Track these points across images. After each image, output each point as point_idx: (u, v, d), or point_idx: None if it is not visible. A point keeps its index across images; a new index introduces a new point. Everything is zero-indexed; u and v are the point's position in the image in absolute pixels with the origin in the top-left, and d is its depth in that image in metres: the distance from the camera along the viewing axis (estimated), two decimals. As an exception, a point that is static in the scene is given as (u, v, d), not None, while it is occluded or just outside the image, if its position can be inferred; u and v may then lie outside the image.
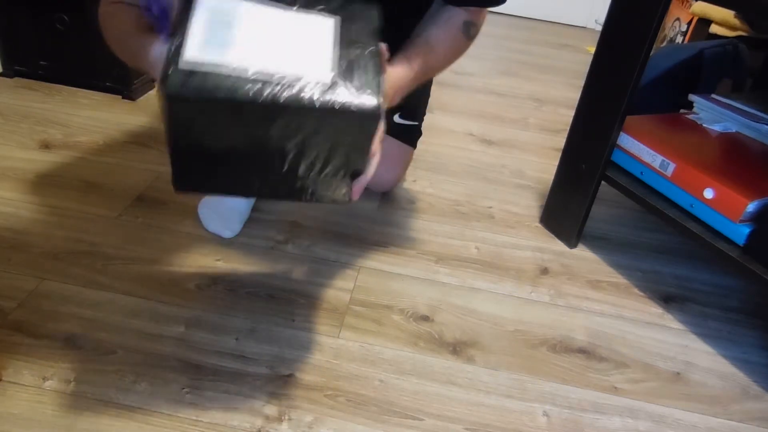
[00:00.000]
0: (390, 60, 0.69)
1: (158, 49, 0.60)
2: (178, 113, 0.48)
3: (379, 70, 0.51)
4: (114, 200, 0.98)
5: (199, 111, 0.48)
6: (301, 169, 0.55)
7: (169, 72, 0.45)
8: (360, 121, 0.50)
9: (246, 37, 0.49)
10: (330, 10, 0.54)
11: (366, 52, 0.52)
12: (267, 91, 0.47)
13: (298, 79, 0.48)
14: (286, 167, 0.55)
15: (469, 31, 0.76)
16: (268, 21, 0.50)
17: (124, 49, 0.71)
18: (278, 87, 0.47)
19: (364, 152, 0.54)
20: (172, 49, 0.46)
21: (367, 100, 0.49)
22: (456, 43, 0.76)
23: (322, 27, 0.52)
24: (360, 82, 0.50)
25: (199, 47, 0.47)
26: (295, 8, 0.52)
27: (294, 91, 0.47)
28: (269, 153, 0.53)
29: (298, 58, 0.49)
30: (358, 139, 0.53)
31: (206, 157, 0.54)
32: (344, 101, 0.48)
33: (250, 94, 0.46)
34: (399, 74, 0.68)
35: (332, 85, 0.49)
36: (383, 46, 0.56)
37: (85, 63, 1.33)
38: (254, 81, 0.47)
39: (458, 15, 0.75)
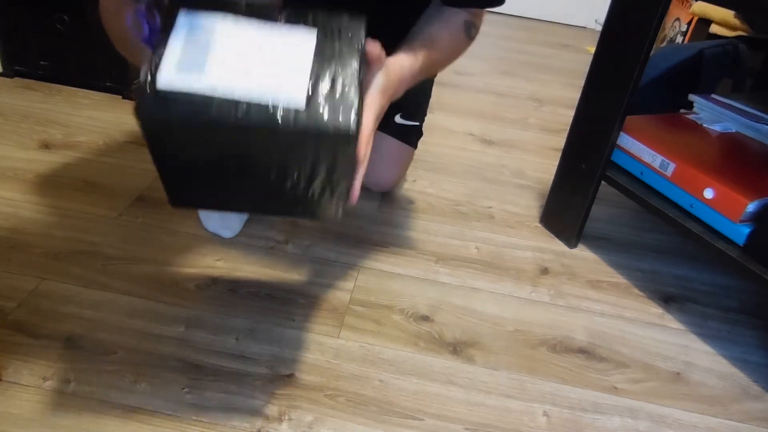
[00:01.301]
0: (394, 52, 0.68)
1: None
2: (152, 137, 0.48)
3: (358, 89, 0.50)
4: (114, 200, 0.98)
5: (172, 134, 0.48)
6: (287, 187, 0.54)
7: (144, 99, 0.45)
8: (335, 142, 0.49)
9: (222, 57, 0.48)
10: (314, 22, 0.52)
11: (346, 70, 0.50)
12: (239, 114, 0.46)
13: (272, 101, 0.47)
14: (271, 185, 0.54)
15: (470, 31, 0.76)
16: (246, 39, 0.49)
17: (126, 47, 0.71)
18: (250, 109, 0.46)
19: (346, 172, 0.53)
20: (148, 72, 0.46)
21: (343, 123, 0.48)
22: (457, 41, 0.75)
23: (303, 42, 0.50)
24: (337, 102, 0.48)
25: (174, 70, 0.46)
26: (277, 22, 0.51)
27: (267, 113, 0.46)
28: (251, 171, 0.53)
29: (274, 78, 0.48)
30: (337, 159, 0.51)
31: (191, 176, 0.54)
32: (317, 124, 0.47)
33: (221, 117, 0.46)
34: (404, 64, 0.67)
35: (307, 107, 0.47)
36: (376, 44, 0.54)
37: (85, 63, 1.33)
38: (226, 104, 0.46)
39: (459, 15, 0.75)
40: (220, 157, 0.51)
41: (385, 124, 0.81)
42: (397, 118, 1.02)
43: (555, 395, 0.73)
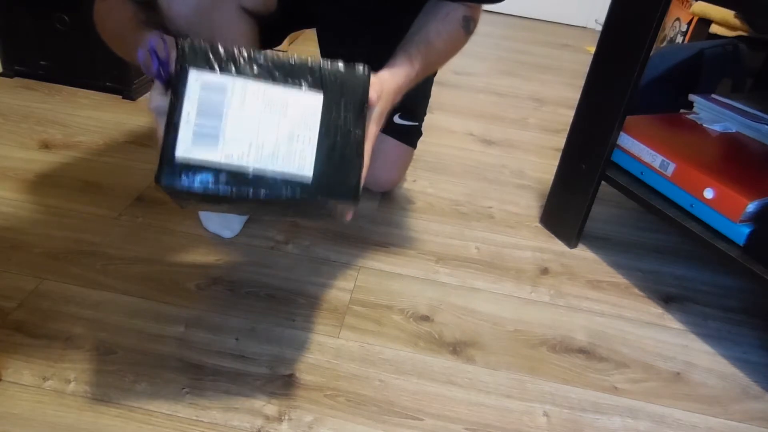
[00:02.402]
0: (391, 58, 0.69)
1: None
2: (172, 196, 0.53)
3: (360, 160, 0.54)
4: (114, 200, 0.98)
5: (190, 196, 0.52)
6: (297, 210, 0.60)
7: (162, 169, 0.49)
8: (338, 203, 0.54)
9: (234, 127, 0.51)
10: (321, 81, 0.54)
11: (350, 137, 0.54)
12: (249, 187, 0.51)
13: (281, 176, 0.52)
14: (281, 210, 0.61)
15: (469, 26, 0.76)
16: (255, 105, 0.52)
17: (121, 45, 0.71)
18: (260, 182, 0.51)
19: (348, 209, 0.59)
20: (166, 142, 0.50)
21: (344, 195, 0.53)
22: (456, 37, 0.76)
23: (309, 108, 0.53)
24: (341, 172, 0.53)
25: (190, 141, 0.50)
26: (282, 83, 0.53)
27: (275, 186, 0.51)
28: (258, 212, 0.63)
29: (283, 150, 0.52)
30: (343, 207, 0.57)
31: (201, 205, 0.61)
32: (321, 197, 0.52)
33: (234, 189, 0.51)
34: (400, 73, 0.68)
35: (313, 179, 0.52)
36: (374, 87, 0.57)
37: (85, 63, 1.33)
38: (238, 176, 0.51)
39: (457, 10, 0.75)
40: (232, 205, 0.56)
41: (385, 125, 0.82)
42: (397, 119, 1.02)
43: (555, 395, 0.73)
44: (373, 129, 0.60)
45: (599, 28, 0.93)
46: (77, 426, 0.61)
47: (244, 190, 0.51)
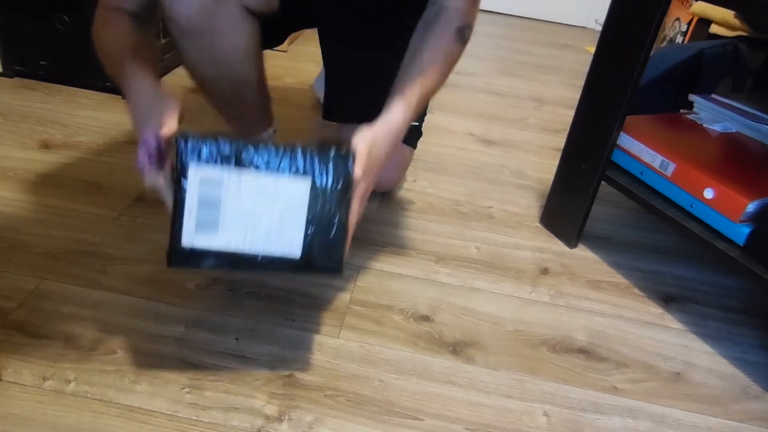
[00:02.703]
0: (387, 101, 0.70)
1: (139, 87, 0.64)
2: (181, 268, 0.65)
3: (344, 238, 0.62)
4: (114, 200, 0.98)
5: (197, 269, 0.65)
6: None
7: (171, 255, 0.61)
8: (326, 275, 0.67)
9: (231, 215, 0.59)
10: (310, 166, 0.61)
11: (333, 222, 0.61)
12: (246, 267, 0.61)
13: (273, 255, 0.61)
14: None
15: (464, 35, 0.76)
16: (248, 194, 0.60)
17: (110, 65, 0.72)
18: (256, 260, 0.60)
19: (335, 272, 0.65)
20: (174, 230, 0.60)
21: (332, 265, 0.62)
22: (451, 56, 0.75)
23: (296, 194, 0.60)
24: (327, 249, 0.61)
25: (193, 230, 0.60)
26: (273, 172, 0.60)
27: (269, 262, 0.61)
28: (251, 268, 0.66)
29: (275, 232, 0.60)
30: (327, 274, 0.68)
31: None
32: (311, 268, 0.62)
33: (233, 265, 0.61)
34: (398, 118, 0.69)
35: (302, 255, 0.61)
36: (359, 164, 0.61)
37: (85, 63, 1.33)
38: (237, 256, 0.60)
39: (450, 24, 0.74)
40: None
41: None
42: (387, 100, 1.02)
43: (555, 395, 0.73)
44: (355, 207, 0.64)
45: (599, 28, 0.93)
46: (77, 426, 0.61)
47: (242, 267, 0.61)
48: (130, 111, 0.64)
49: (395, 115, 0.69)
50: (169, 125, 0.59)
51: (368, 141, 0.64)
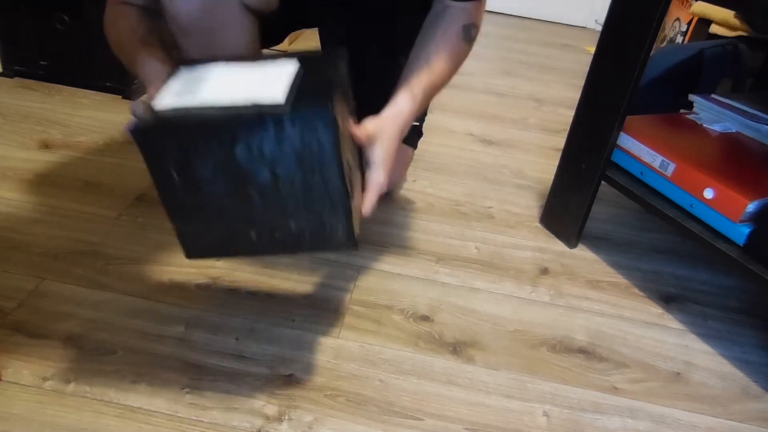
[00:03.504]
0: (393, 93, 0.71)
1: (148, 64, 0.63)
2: (149, 151, 0.52)
3: (332, 86, 0.54)
4: (114, 200, 0.98)
5: (164, 145, 0.52)
6: (284, 203, 0.56)
7: (139, 119, 0.51)
8: (315, 125, 0.51)
9: (213, 84, 0.54)
10: (295, 57, 0.58)
11: (324, 77, 0.56)
12: (223, 113, 0.51)
13: (255, 100, 0.51)
14: (272, 209, 0.56)
15: (470, 34, 0.76)
16: (235, 71, 0.57)
17: (123, 56, 0.72)
18: (236, 109, 0.51)
19: (337, 175, 0.54)
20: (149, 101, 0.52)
21: (319, 104, 0.51)
22: (457, 52, 0.76)
23: (283, 69, 0.56)
24: (315, 94, 0.52)
25: (171, 96, 0.53)
26: (261, 62, 0.57)
27: (250, 109, 0.51)
28: (247, 187, 0.55)
29: (255, 90, 0.53)
30: (322, 150, 0.53)
31: (197, 211, 0.57)
32: (294, 108, 0.51)
33: (208, 117, 0.51)
34: (403, 109, 0.69)
35: (286, 101, 0.51)
36: (363, 128, 0.60)
37: (85, 63, 1.33)
38: (214, 109, 0.51)
39: (456, 21, 0.74)
40: (213, 170, 0.54)
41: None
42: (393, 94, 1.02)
43: (555, 395, 0.73)
44: (382, 176, 0.63)
45: (599, 28, 0.93)
46: (77, 426, 0.61)
47: (219, 115, 0.51)
48: (146, 87, 0.65)
49: (401, 107, 0.69)
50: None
51: (376, 125, 0.64)
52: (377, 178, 0.63)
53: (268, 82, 0.54)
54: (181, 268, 0.85)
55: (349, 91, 0.61)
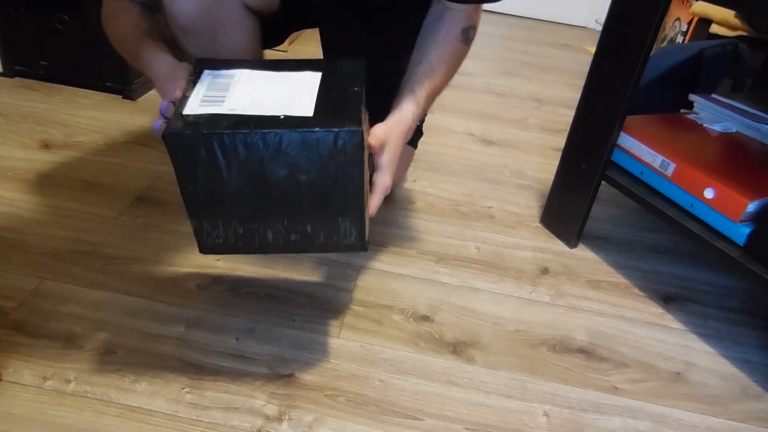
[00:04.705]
0: (396, 99, 0.72)
1: (157, 59, 0.64)
2: (179, 153, 0.54)
3: (360, 103, 0.55)
4: (114, 200, 0.98)
5: (195, 147, 0.53)
6: (306, 214, 0.59)
7: (168, 123, 0.53)
8: (344, 144, 0.53)
9: (239, 94, 0.55)
10: (319, 67, 0.60)
11: (348, 91, 0.56)
12: (251, 124, 0.52)
13: (281, 115, 0.53)
14: (290, 213, 0.59)
15: (469, 36, 0.77)
16: (260, 79, 0.58)
17: (126, 50, 0.72)
18: (262, 118, 0.53)
19: (357, 187, 0.57)
20: (176, 107, 0.54)
21: (348, 123, 0.53)
22: (457, 55, 0.77)
23: (308, 80, 0.58)
24: (341, 111, 0.54)
25: (197, 103, 0.54)
26: (285, 70, 0.59)
27: (276, 120, 0.52)
28: (269, 192, 0.57)
29: (283, 102, 0.55)
30: (347, 165, 0.55)
31: (218, 211, 0.59)
32: (323, 126, 0.52)
33: (236, 127, 0.52)
34: (408, 116, 0.71)
35: (314, 115, 0.53)
36: (374, 136, 0.61)
37: (85, 63, 1.33)
38: (241, 119, 0.53)
39: (456, 24, 0.75)
40: (238, 178, 0.56)
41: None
42: (396, 98, 1.02)
43: (555, 395, 0.73)
44: (388, 180, 0.65)
45: (599, 28, 0.93)
46: (77, 426, 0.61)
47: (245, 125, 0.52)
48: (153, 82, 0.66)
49: (405, 112, 0.70)
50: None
51: (384, 131, 0.65)
52: (384, 181, 0.65)
53: (295, 92, 0.56)
54: (181, 268, 0.85)
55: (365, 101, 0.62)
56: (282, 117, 0.53)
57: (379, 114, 0.69)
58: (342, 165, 0.55)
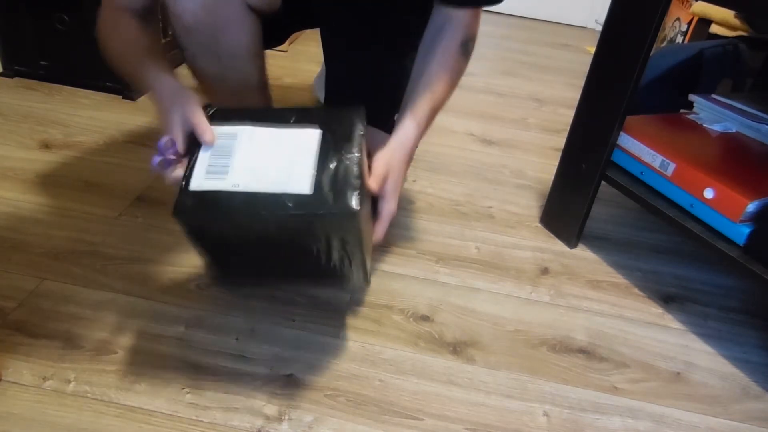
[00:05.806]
0: (398, 119, 0.72)
1: (160, 82, 0.64)
2: (189, 229, 0.59)
3: (359, 174, 0.57)
4: (114, 200, 0.98)
5: (205, 225, 0.59)
6: (311, 261, 0.63)
7: (177, 199, 0.56)
8: (341, 221, 0.57)
9: (241, 161, 0.58)
10: (318, 119, 0.61)
11: (347, 159, 0.58)
12: (255, 204, 0.56)
13: (282, 190, 0.56)
14: (296, 260, 0.65)
15: (468, 49, 0.78)
16: (261, 143, 0.60)
17: (123, 65, 0.73)
18: (266, 198, 0.56)
19: (358, 244, 0.60)
20: (183, 178, 0.58)
21: (346, 204, 0.55)
22: (456, 70, 0.79)
23: (308, 141, 0.60)
24: (340, 187, 0.56)
25: (203, 175, 0.58)
26: (286, 125, 0.61)
27: (278, 200, 0.55)
28: (275, 250, 0.63)
29: (285, 172, 0.57)
30: (346, 234, 0.59)
31: (228, 258, 0.65)
32: (322, 210, 0.55)
33: (242, 207, 0.56)
34: (408, 135, 0.71)
35: (313, 192, 0.56)
36: (375, 178, 0.63)
37: (85, 63, 1.33)
38: (245, 196, 0.56)
39: (455, 38, 0.76)
40: (246, 240, 0.61)
41: (385, 124, 0.82)
42: (397, 118, 1.02)
43: (555, 395, 0.73)
44: (393, 205, 0.65)
45: (599, 28, 0.93)
46: (77, 426, 0.61)
47: (250, 205, 0.56)
48: (154, 104, 0.66)
49: (407, 135, 0.71)
50: (196, 114, 0.60)
51: (386, 161, 0.66)
52: (389, 209, 0.66)
53: (294, 163, 0.58)
54: (181, 268, 0.85)
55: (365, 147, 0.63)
56: (282, 195, 0.56)
57: (380, 116, 0.69)
58: (340, 234, 0.59)
